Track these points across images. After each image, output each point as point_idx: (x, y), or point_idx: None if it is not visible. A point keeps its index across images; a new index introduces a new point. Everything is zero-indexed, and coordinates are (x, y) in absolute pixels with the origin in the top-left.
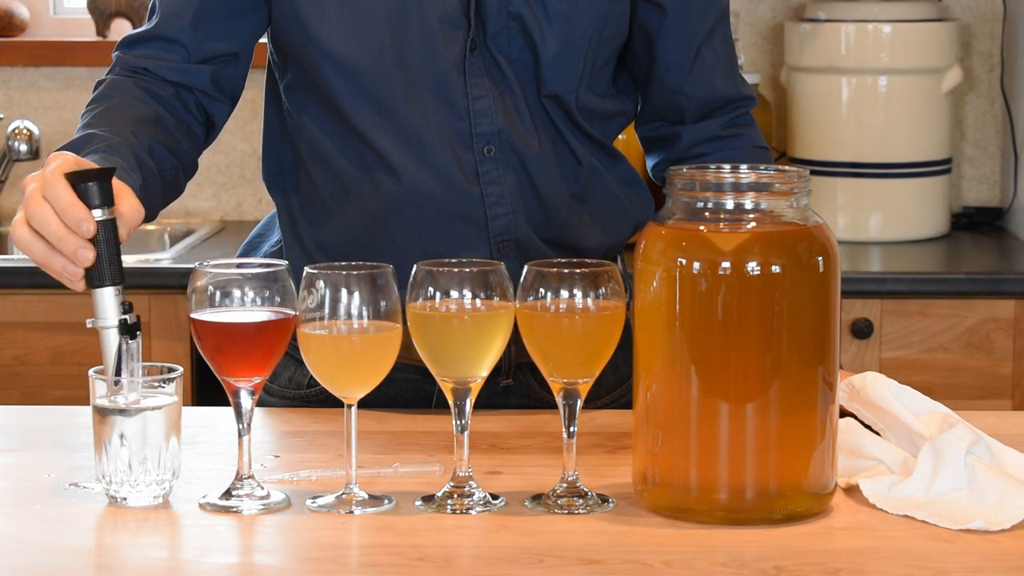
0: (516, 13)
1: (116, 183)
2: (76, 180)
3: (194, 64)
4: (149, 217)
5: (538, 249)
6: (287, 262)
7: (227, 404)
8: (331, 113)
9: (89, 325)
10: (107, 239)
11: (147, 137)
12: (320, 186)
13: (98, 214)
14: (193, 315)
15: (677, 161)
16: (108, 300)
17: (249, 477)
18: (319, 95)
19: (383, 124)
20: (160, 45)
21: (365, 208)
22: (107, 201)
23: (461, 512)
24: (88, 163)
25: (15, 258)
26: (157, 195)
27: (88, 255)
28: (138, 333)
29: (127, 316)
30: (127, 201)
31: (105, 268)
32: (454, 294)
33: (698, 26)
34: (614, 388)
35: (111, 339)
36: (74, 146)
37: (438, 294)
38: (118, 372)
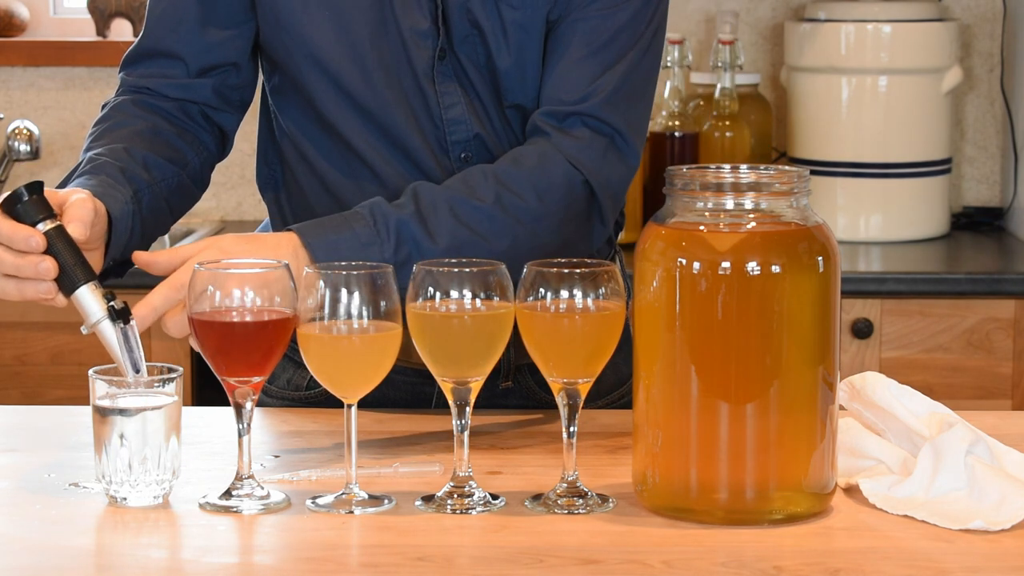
0: (475, 21)
1: (52, 192)
2: (6, 208)
3: (194, 79)
4: (162, 230)
5: None
6: (287, 262)
7: (227, 404)
8: (314, 117)
9: (85, 331)
10: (61, 245)
11: (141, 150)
12: (306, 188)
13: (42, 227)
14: (193, 315)
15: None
16: (88, 298)
17: (249, 477)
18: (302, 98)
19: (365, 130)
20: (160, 63)
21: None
22: (46, 212)
23: (461, 512)
24: (14, 190)
25: None
26: (160, 203)
27: (49, 266)
28: (131, 317)
29: (112, 303)
30: (69, 202)
31: (71, 272)
32: (454, 294)
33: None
34: (614, 388)
35: (108, 331)
36: (69, 173)
37: (438, 294)
38: (131, 359)
